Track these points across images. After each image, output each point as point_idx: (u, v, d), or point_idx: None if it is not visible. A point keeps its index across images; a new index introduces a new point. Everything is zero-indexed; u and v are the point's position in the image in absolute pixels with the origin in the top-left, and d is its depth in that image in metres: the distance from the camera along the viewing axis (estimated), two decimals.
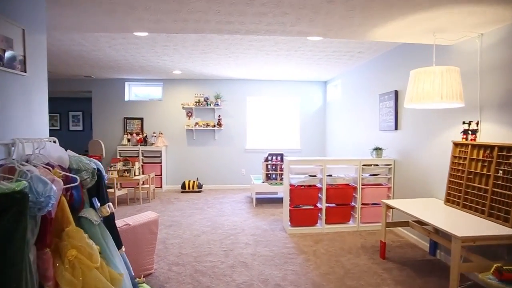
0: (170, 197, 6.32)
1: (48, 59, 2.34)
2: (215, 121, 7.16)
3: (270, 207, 5.58)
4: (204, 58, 5.03)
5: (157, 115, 7.22)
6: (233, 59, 5.07)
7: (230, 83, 7.21)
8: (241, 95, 7.26)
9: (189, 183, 6.86)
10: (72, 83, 7.14)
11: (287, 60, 5.18)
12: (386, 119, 4.43)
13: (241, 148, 7.30)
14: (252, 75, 6.60)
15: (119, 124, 7.22)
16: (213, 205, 5.72)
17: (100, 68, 5.84)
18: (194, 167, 7.29)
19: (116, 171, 5.76)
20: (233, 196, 6.48)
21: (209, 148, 7.27)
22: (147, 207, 5.49)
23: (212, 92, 7.19)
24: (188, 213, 5.13)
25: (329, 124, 7.12)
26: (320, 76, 6.71)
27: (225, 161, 7.29)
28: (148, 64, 5.48)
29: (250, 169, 7.28)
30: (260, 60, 5.20)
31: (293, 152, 7.31)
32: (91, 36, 3.89)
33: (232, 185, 7.31)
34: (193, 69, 5.96)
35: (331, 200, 4.23)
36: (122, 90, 7.17)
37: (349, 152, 5.86)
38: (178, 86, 7.19)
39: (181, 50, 4.55)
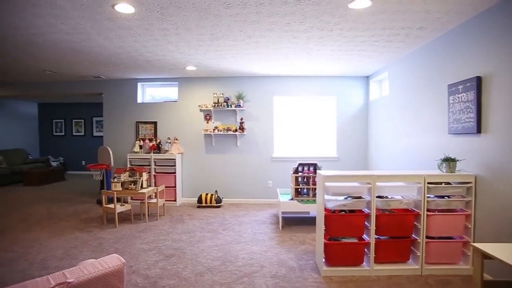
0: (183, 214, 5.42)
1: (46, 57, 1.47)
2: (237, 125, 6.20)
3: (300, 230, 4.46)
4: (216, 46, 4.09)
5: (172, 119, 6.42)
6: (252, 46, 4.08)
7: (253, 80, 6.23)
8: (266, 95, 6.24)
9: (206, 196, 5.94)
10: (82, 85, 6.57)
11: (320, 46, 4.08)
12: (460, 118, 3.17)
13: (267, 156, 6.26)
14: (278, 70, 5.57)
15: (131, 129, 6.50)
16: (230, 225, 4.72)
17: (102, 64, 5.12)
18: (212, 178, 6.36)
19: (120, 183, 4.97)
20: (256, 213, 5.44)
21: (230, 156, 6.32)
22: (151, 227, 4.61)
23: (233, 92, 6.25)
24: (197, 238, 4.17)
25: (373, 128, 5.87)
26: (361, 70, 5.51)
27: (249, 171, 6.29)
28: (154, 57, 4.66)
29: (277, 181, 6.22)
30: (286, 48, 4.15)
31: (328, 161, 6.14)
32: (72, 22, 3.10)
33: (256, 200, 6.28)
34: (208, 63, 5.05)
35: (383, 231, 3.05)
36: (134, 92, 6.46)
37: (401, 163, 4.60)
38: (194, 85, 6.34)
39: (185, 36, 3.63)
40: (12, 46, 4.02)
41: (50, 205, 6.05)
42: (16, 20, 3.12)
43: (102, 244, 3.91)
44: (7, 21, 3.14)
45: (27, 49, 4.17)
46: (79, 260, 3.43)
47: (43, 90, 6.74)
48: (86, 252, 3.64)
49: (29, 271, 3.19)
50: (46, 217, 5.19)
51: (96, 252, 3.65)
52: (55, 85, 6.68)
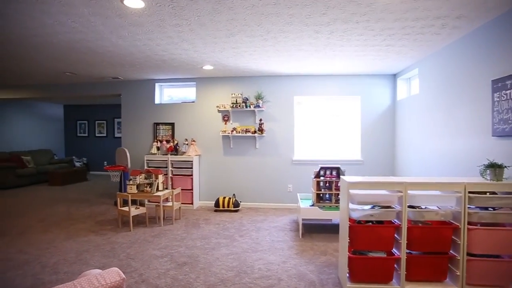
0: (199, 218, 5.25)
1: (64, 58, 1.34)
2: (256, 126, 5.97)
3: (321, 238, 4.16)
4: (233, 43, 3.88)
5: (189, 120, 6.28)
6: (270, 42, 3.83)
7: (273, 80, 5.98)
8: (287, 95, 5.97)
9: (224, 200, 5.74)
10: (101, 86, 6.59)
11: (344, 42, 3.78)
12: (509, 118, 2.78)
13: (287, 159, 5.99)
14: (299, 68, 5.29)
15: (149, 130, 6.43)
16: (247, 232, 4.49)
17: (119, 65, 5.06)
18: (230, 181, 6.16)
19: (135, 186, 4.87)
20: (275, 219, 5.17)
21: (249, 159, 6.10)
22: (166, 231, 4.46)
23: (252, 92, 6.03)
24: (212, 244, 3.96)
25: (400, 129, 5.45)
26: (388, 67, 5.12)
27: (268, 174, 6.04)
28: (169, 56, 4.52)
29: (298, 185, 5.93)
30: (306, 44, 3.88)
31: (352, 165, 5.78)
32: (83, 20, 2.99)
33: (276, 204, 6.02)
34: (226, 62, 4.85)
35: (415, 245, 2.71)
36: (152, 92, 6.39)
37: (433, 169, 4.19)
38: (212, 85, 6.18)
39: (199, 32, 3.45)
40: (30, 48, 4.00)
41: (69, 206, 6.07)
42: (28, 19, 3.05)
43: (114, 248, 3.79)
44: (20, 21, 3.08)
45: (44, 50, 4.15)
46: (90, 265, 3.32)
47: (65, 92, 6.82)
48: (97, 257, 3.53)
49: (40, 275, 3.11)
50: (64, 218, 5.18)
51: (108, 257, 3.53)
52: (76, 87, 6.74)
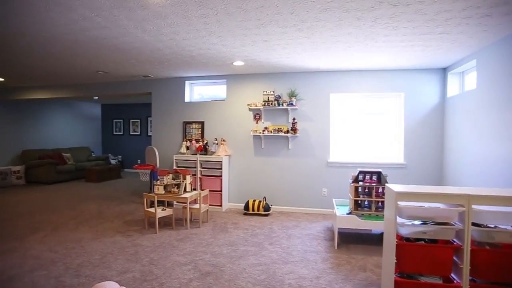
0: (228, 222, 5.01)
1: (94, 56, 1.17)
2: (289, 126, 5.62)
3: (360, 251, 3.74)
4: (264, 35, 3.57)
5: (219, 118, 6.08)
6: (305, 33, 3.47)
7: (307, 76, 5.60)
8: (322, 92, 5.56)
9: (254, 203, 5.46)
10: (132, 85, 6.59)
11: (389, 30, 3.32)
12: None
13: (322, 160, 5.58)
14: (336, 63, 4.87)
15: (178, 129, 6.31)
16: (278, 239, 4.17)
17: (147, 62, 4.95)
18: (261, 183, 5.87)
19: (162, 186, 4.74)
20: (308, 226, 4.80)
21: (281, 160, 5.76)
22: (192, 235, 4.26)
23: (285, 89, 5.69)
24: (239, 252, 3.69)
25: (451, 130, 4.82)
26: (438, 59, 4.54)
27: (301, 177, 5.67)
28: (197, 52, 4.31)
29: (333, 190, 5.50)
30: (346, 34, 3.47)
31: (394, 169, 5.25)
32: (106, 14, 2.84)
33: (309, 209, 5.63)
34: (257, 57, 4.56)
35: (481, 272, 2.23)
36: (182, 90, 6.27)
37: (498, 178, 3.59)
38: (243, 83, 5.92)
39: (227, 23, 3.18)
40: (61, 46, 3.98)
41: (101, 203, 6.13)
42: (55, 16, 2.95)
43: (138, 252, 3.65)
44: (49, 19, 3.00)
45: (75, 49, 4.11)
46: (112, 269, 3.18)
47: (99, 91, 6.92)
48: (120, 261, 3.39)
49: (63, 278, 3.02)
50: (94, 216, 5.19)
51: (130, 262, 3.38)
52: (109, 86, 6.80)
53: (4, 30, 3.40)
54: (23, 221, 4.94)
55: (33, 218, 5.11)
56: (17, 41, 3.82)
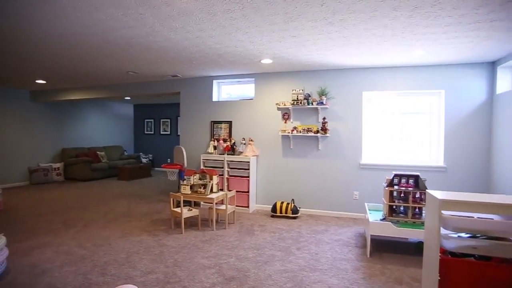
0: (254, 224, 4.89)
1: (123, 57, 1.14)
2: (319, 126, 5.39)
3: (395, 260, 3.46)
4: (293, 30, 3.40)
5: (247, 118, 5.97)
6: (336, 27, 3.26)
7: (338, 73, 5.34)
8: (354, 90, 5.27)
9: (282, 205, 5.30)
10: (162, 85, 6.66)
11: (430, 20, 3.03)
12: None
13: (354, 162, 5.29)
14: (370, 59, 4.58)
15: (206, 129, 6.29)
16: (306, 244, 3.98)
17: (175, 61, 4.94)
18: (289, 185, 5.69)
19: (189, 186, 4.71)
20: (338, 230, 4.56)
21: (310, 161, 5.55)
22: (218, 237, 4.18)
23: (314, 87, 5.47)
24: (265, 257, 3.55)
25: (501, 130, 4.36)
26: (486, 52, 4.12)
27: (331, 179, 5.42)
28: (224, 50, 4.22)
29: (365, 193, 5.20)
30: (381, 26, 3.21)
31: (432, 172, 4.86)
32: (132, 12, 2.82)
33: (339, 213, 5.37)
34: (285, 54, 4.40)
35: None
36: (210, 90, 6.23)
37: None
38: (271, 81, 5.77)
39: (253, 18, 3.04)
40: (92, 48, 4.06)
41: (131, 201, 6.25)
42: (84, 17, 2.98)
43: (163, 252, 3.62)
44: (79, 20, 3.03)
45: (104, 49, 4.18)
46: (136, 269, 3.16)
47: (130, 91, 7.07)
48: (145, 261, 3.37)
49: (89, 275, 3.04)
50: (124, 214, 5.28)
51: (155, 262, 3.35)
52: (139, 86, 6.93)
53: (39, 32, 3.51)
54: (59, 216, 5.13)
55: (68, 214, 5.30)
56: (52, 43, 3.93)
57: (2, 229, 4.50)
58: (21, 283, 2.92)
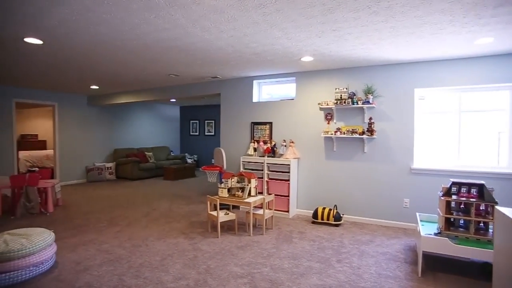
0: (293, 230, 4.65)
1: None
2: (365, 126, 4.99)
3: (452, 282, 3.00)
4: (332, 23, 3.12)
5: (288, 119, 5.75)
6: (382, 16, 2.91)
7: (386, 69, 4.88)
8: (405, 87, 4.78)
9: (323, 211, 4.99)
10: (202, 86, 6.71)
11: (501, 0, 2.55)
12: None
13: (404, 166, 4.80)
14: (422, 52, 4.09)
15: (246, 130, 6.18)
16: (347, 256, 3.65)
17: (213, 63, 4.90)
18: (332, 190, 5.35)
19: (226, 189, 4.62)
20: (384, 242, 4.14)
21: (355, 165, 5.16)
22: (254, 243, 4.02)
23: (360, 85, 5.07)
24: (302, 269, 3.31)
25: None
26: None
27: (378, 184, 4.98)
28: (261, 48, 4.06)
29: (417, 201, 4.69)
30: (436, 12, 2.80)
31: (499, 179, 4.20)
32: (164, 14, 2.78)
33: (386, 221, 4.91)
34: (326, 50, 4.10)
35: None
36: (250, 90, 6.12)
37: None
38: (313, 80, 5.48)
39: (288, 12, 2.83)
40: (132, 52, 4.16)
41: (173, 202, 6.37)
42: (119, 23, 3.03)
43: (197, 257, 3.56)
44: (115, 25, 3.09)
45: (143, 54, 4.26)
46: (169, 274, 3.13)
47: (173, 94, 7.24)
48: (178, 265, 3.33)
49: (124, 276, 3.07)
50: (164, 215, 5.37)
51: (188, 267, 3.29)
52: (181, 88, 7.06)
53: (82, 41, 3.66)
54: (106, 214, 5.39)
55: (114, 212, 5.54)
56: (95, 50, 4.10)
57: (58, 224, 4.84)
58: (65, 279, 3.04)
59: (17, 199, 5.35)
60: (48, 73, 5.68)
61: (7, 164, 7.36)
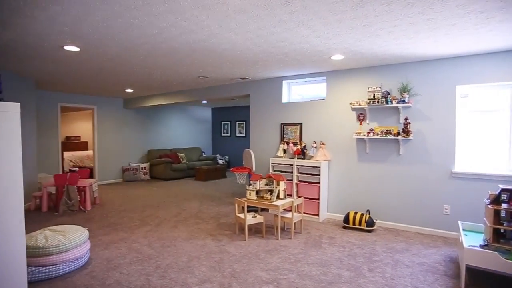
0: (323, 235, 4.49)
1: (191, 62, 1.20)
2: (400, 127, 4.70)
3: None
4: (363, 18, 2.95)
5: (318, 120, 5.58)
6: (418, 8, 2.69)
7: (424, 66, 4.56)
8: (445, 84, 4.43)
9: (355, 216, 4.77)
10: (232, 88, 6.71)
11: None
12: None
13: (444, 170, 4.45)
14: (465, 46, 3.76)
15: (276, 132, 6.09)
16: (380, 265, 3.43)
17: (241, 64, 4.86)
18: (364, 193, 5.10)
19: (255, 192, 4.57)
20: (422, 250, 3.85)
21: (389, 168, 4.88)
22: (281, 247, 3.92)
23: (394, 83, 4.79)
24: (330, 277, 3.16)
25: None
26: None
27: (415, 188, 4.67)
28: (289, 48, 3.95)
29: (459, 208, 4.32)
30: (481, 0, 2.53)
31: None
32: (188, 16, 2.78)
33: (424, 228, 4.58)
34: (358, 47, 3.91)
35: None
36: (279, 91, 6.02)
37: None
38: (344, 79, 5.27)
39: (315, 8, 2.70)
40: (161, 56, 4.24)
41: (202, 202, 6.44)
42: (147, 26, 3.08)
43: (223, 260, 3.53)
44: (143, 29, 3.15)
45: (172, 57, 4.33)
46: (194, 276, 3.12)
47: (203, 95, 7.32)
48: (204, 268, 3.32)
49: (151, 277, 3.11)
50: (193, 216, 5.43)
51: (213, 270, 3.27)
52: (211, 90, 7.11)
53: (115, 45, 3.78)
54: (138, 213, 5.56)
55: (146, 211, 5.70)
56: (127, 55, 4.22)
57: (94, 221, 5.06)
58: (96, 276, 3.15)
59: (59, 197, 5.69)
60: (86, 78, 5.99)
61: (53, 164, 7.88)
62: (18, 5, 2.49)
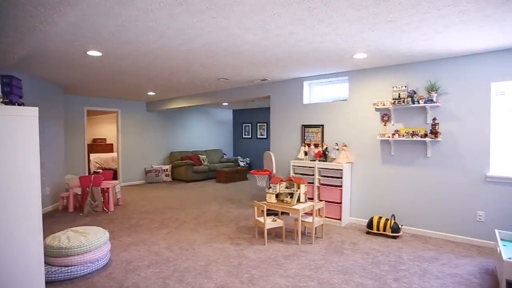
0: (345, 241, 4.31)
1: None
2: (428, 128, 4.45)
3: None
4: (387, 13, 2.79)
5: (340, 121, 5.40)
6: (448, 0, 2.51)
7: (453, 62, 4.29)
8: (478, 81, 4.14)
9: (379, 221, 4.55)
10: (252, 89, 6.65)
11: None
12: None
13: (477, 173, 4.16)
14: (502, 38, 3.49)
15: (297, 133, 5.96)
16: (406, 274, 3.23)
17: (261, 65, 4.78)
18: (389, 197, 4.87)
19: (274, 195, 4.46)
20: (453, 260, 3.60)
21: (416, 171, 4.63)
22: (301, 253, 3.79)
23: (421, 82, 4.55)
24: (353, 286, 3.00)
25: None
26: None
27: (444, 193, 4.39)
28: (309, 47, 3.83)
29: (495, 215, 4.02)
30: None
31: None
32: (205, 17, 2.74)
33: (455, 236, 4.29)
34: (381, 45, 3.73)
35: None
36: (300, 92, 5.90)
37: None
38: (367, 78, 5.07)
39: (335, 3, 2.58)
40: (181, 59, 4.24)
41: (223, 205, 6.40)
42: (165, 29, 3.07)
43: (241, 265, 3.45)
44: (161, 32, 3.15)
45: (191, 59, 4.32)
46: (211, 281, 3.07)
47: (224, 97, 7.32)
48: (221, 272, 3.26)
49: (169, 280, 3.09)
50: (213, 218, 5.40)
51: (231, 275, 3.20)
52: (232, 91, 7.09)
53: (134, 50, 3.82)
54: (159, 215, 5.60)
55: (166, 213, 5.74)
56: (147, 58, 4.26)
57: (116, 223, 5.15)
58: (115, 278, 3.16)
59: (84, 198, 5.84)
60: (109, 82, 6.13)
61: (80, 165, 8.14)
62: (38, 12, 2.54)
